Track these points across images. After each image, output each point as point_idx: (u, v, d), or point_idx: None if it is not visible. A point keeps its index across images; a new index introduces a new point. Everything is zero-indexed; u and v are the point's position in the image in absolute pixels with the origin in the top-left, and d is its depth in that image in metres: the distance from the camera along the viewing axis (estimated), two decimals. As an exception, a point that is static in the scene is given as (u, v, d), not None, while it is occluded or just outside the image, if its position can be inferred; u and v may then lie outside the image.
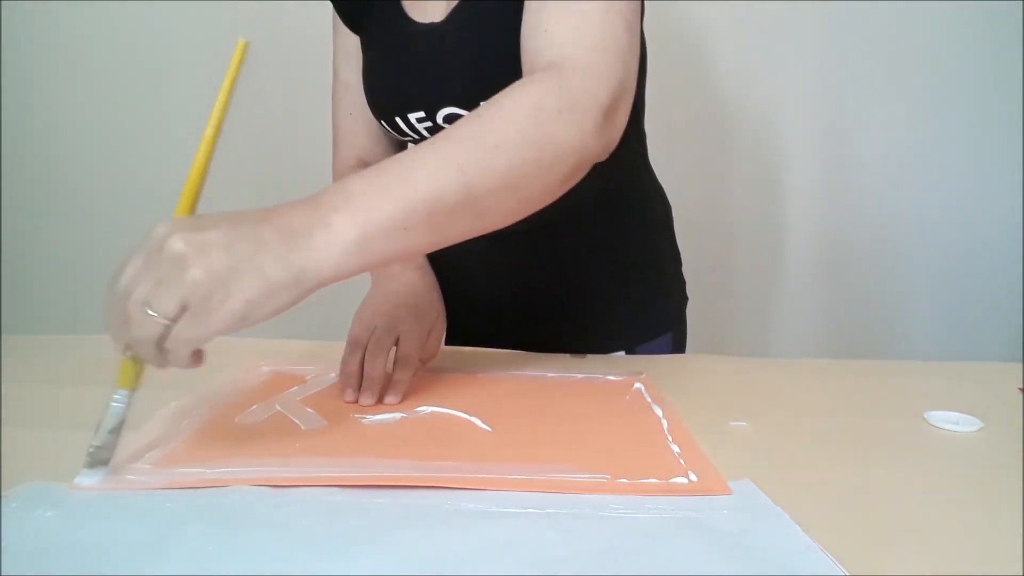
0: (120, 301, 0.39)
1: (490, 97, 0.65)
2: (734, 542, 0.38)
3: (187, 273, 0.38)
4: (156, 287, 0.38)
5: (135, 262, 0.40)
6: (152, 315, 0.38)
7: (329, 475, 0.45)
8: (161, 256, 0.39)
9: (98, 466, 0.45)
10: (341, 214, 0.42)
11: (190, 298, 0.38)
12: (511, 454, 0.49)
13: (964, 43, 1.43)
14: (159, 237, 0.39)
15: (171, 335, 0.39)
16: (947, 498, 0.44)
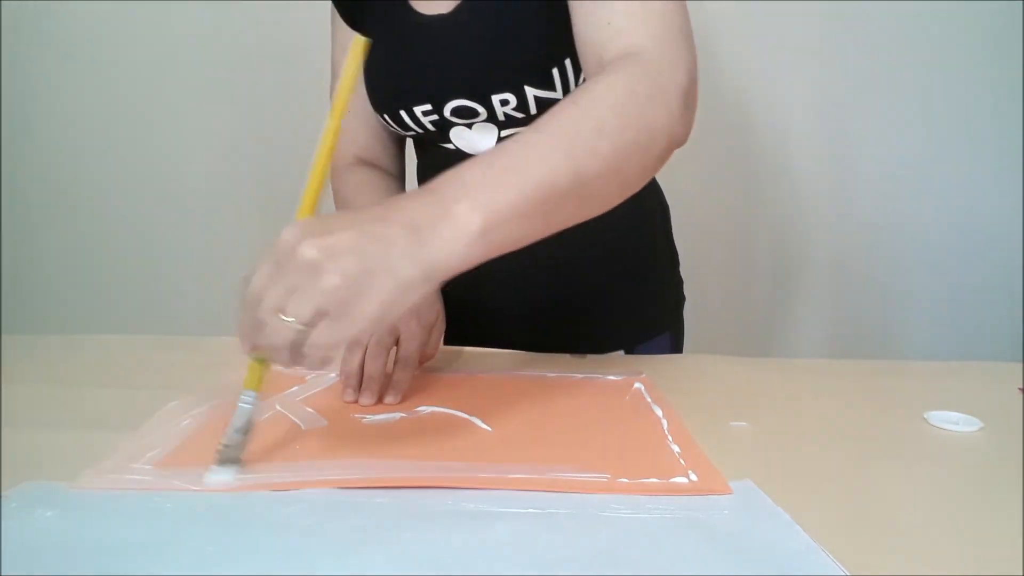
0: (252, 307, 0.40)
1: (500, 88, 0.65)
2: (735, 542, 0.38)
3: (322, 280, 0.38)
4: (290, 294, 0.39)
5: (265, 268, 0.40)
6: (287, 321, 0.38)
7: (329, 478, 0.45)
8: (293, 263, 0.38)
9: (227, 464, 0.45)
10: (463, 204, 0.42)
11: (327, 304, 0.38)
12: (511, 454, 0.49)
13: (965, 44, 1.43)
14: (289, 244, 0.39)
15: (308, 340, 0.39)
16: (947, 498, 0.44)
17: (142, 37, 1.48)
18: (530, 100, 0.66)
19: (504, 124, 0.70)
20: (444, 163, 0.74)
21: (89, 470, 0.45)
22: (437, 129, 0.72)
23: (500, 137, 0.71)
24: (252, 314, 0.40)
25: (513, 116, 0.68)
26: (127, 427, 0.53)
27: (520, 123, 0.69)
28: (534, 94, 0.66)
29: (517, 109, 0.67)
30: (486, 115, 0.69)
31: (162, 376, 0.67)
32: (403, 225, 0.40)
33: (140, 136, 1.53)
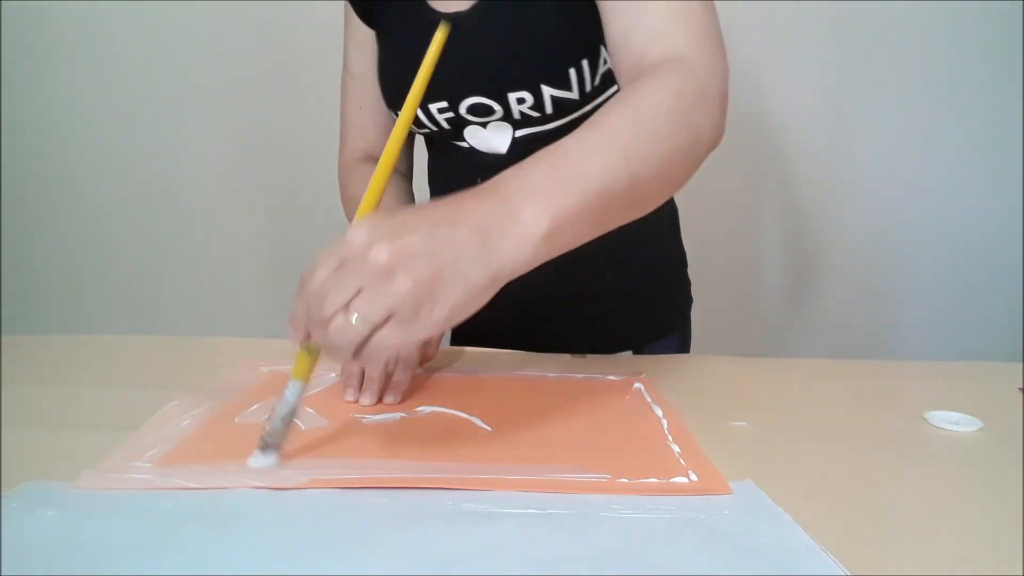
0: (316, 303, 0.39)
1: (517, 87, 0.65)
2: (735, 543, 0.38)
3: (394, 283, 0.38)
4: (360, 295, 0.38)
5: (330, 265, 0.40)
6: (350, 322, 0.38)
7: (330, 478, 0.45)
8: (364, 264, 0.38)
9: (269, 451, 0.46)
10: (530, 208, 0.42)
11: (397, 307, 0.38)
12: (511, 454, 0.49)
13: (964, 43, 1.43)
14: (360, 244, 0.39)
15: (373, 341, 0.39)
16: (947, 498, 0.44)
17: (142, 37, 1.48)
18: (546, 99, 0.67)
19: (519, 123, 0.70)
20: (457, 161, 0.75)
21: (89, 470, 0.45)
22: (451, 127, 0.72)
23: (514, 137, 0.71)
24: (314, 309, 0.40)
25: (528, 115, 0.68)
26: (127, 427, 0.53)
27: (535, 122, 0.69)
28: (550, 93, 0.66)
29: (533, 108, 0.67)
30: (502, 113, 0.69)
31: (162, 376, 0.67)
32: (472, 229, 0.40)
33: (140, 136, 1.53)
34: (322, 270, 0.40)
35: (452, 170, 0.78)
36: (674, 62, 0.52)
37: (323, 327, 0.39)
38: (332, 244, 0.40)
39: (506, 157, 0.72)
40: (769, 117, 1.49)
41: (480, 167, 0.72)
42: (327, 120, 1.51)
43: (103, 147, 1.53)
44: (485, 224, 0.41)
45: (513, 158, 0.71)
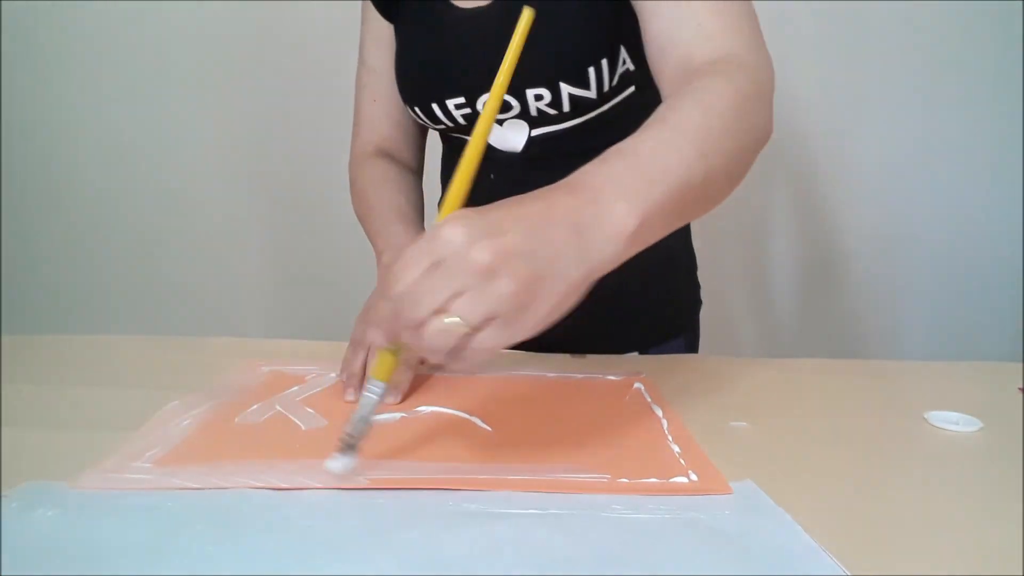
0: (410, 306, 0.37)
1: (536, 83, 0.65)
2: (736, 543, 0.38)
3: (496, 284, 0.37)
4: (458, 296, 0.37)
5: (421, 264, 0.38)
6: (452, 324, 0.37)
7: (328, 483, 0.45)
8: (463, 265, 0.37)
9: (348, 453, 0.45)
10: (621, 204, 0.41)
11: (500, 309, 0.37)
12: (511, 454, 0.49)
13: (964, 43, 1.43)
14: (457, 244, 0.37)
15: (473, 344, 0.38)
16: (947, 498, 0.44)
17: (142, 37, 1.48)
18: (564, 97, 0.67)
19: (536, 121, 0.70)
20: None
21: (89, 470, 0.45)
22: (468, 123, 0.72)
23: (530, 135, 0.71)
24: (407, 311, 0.38)
25: (546, 113, 0.68)
26: (127, 427, 0.53)
27: (552, 121, 0.69)
28: (569, 91, 0.66)
29: (550, 105, 0.67)
30: (519, 110, 0.69)
31: (162, 376, 0.67)
32: (567, 226, 0.40)
33: (140, 136, 1.53)
34: (413, 270, 0.38)
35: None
36: (727, 61, 0.52)
37: (417, 329, 0.38)
38: (421, 243, 0.38)
39: (521, 155, 0.72)
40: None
41: (495, 164, 0.73)
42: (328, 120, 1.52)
43: (103, 147, 1.53)
44: (579, 221, 0.40)
45: (528, 156, 0.71)
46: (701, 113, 0.47)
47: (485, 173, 0.75)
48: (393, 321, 0.39)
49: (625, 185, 0.42)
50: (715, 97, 0.48)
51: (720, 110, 0.48)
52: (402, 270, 0.38)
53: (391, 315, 0.39)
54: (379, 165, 0.81)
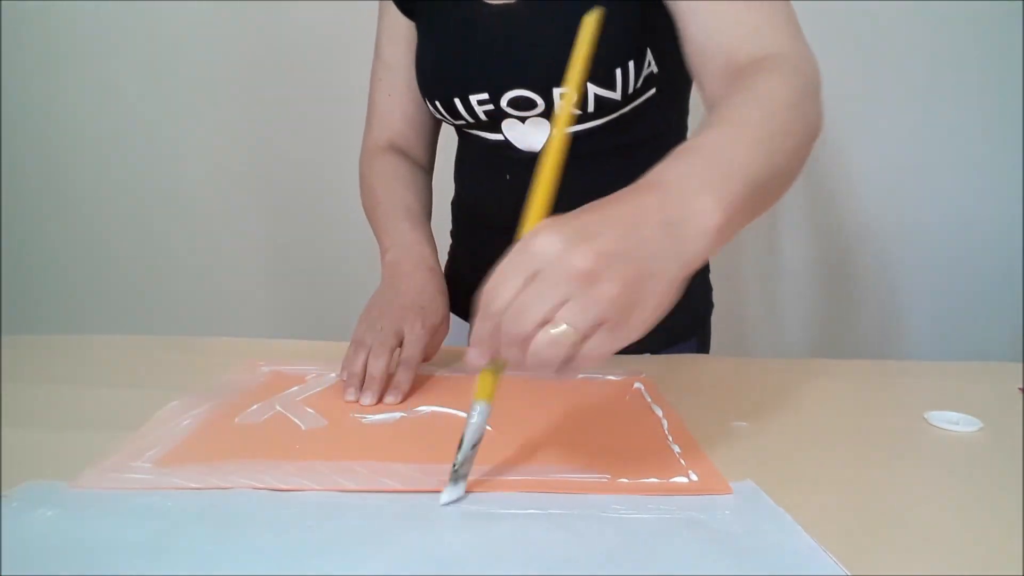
0: (513, 321, 0.37)
1: (559, 80, 0.63)
2: (736, 543, 0.38)
3: (599, 289, 0.36)
4: (566, 305, 0.36)
5: (518, 277, 0.37)
6: (561, 335, 0.36)
7: (331, 485, 0.45)
8: (563, 272, 0.36)
9: (459, 481, 0.43)
10: (707, 199, 0.41)
11: (606, 314, 0.36)
12: (511, 454, 0.49)
13: (965, 44, 1.43)
14: (556, 252, 0.36)
15: (583, 352, 0.37)
16: (947, 498, 0.44)
17: (142, 37, 1.48)
18: (590, 97, 0.66)
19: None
20: (488, 155, 0.75)
21: (89, 470, 0.45)
22: (489, 119, 0.72)
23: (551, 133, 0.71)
24: (510, 326, 0.37)
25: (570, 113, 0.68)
26: (127, 427, 0.53)
27: (577, 120, 0.69)
28: (595, 92, 0.66)
29: (576, 106, 0.67)
30: (543, 108, 0.69)
31: (162, 376, 0.67)
32: (659, 225, 0.39)
33: (140, 136, 1.53)
34: (511, 284, 0.37)
35: (481, 164, 0.79)
36: (774, 58, 0.52)
37: (523, 344, 0.37)
38: (514, 256, 0.37)
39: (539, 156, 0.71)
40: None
41: (513, 163, 0.73)
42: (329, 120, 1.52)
43: (103, 147, 1.53)
44: (669, 218, 0.39)
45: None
46: (761, 111, 0.47)
47: (501, 174, 0.75)
48: (493, 338, 0.38)
49: (705, 180, 0.42)
50: (772, 95, 0.49)
51: (778, 108, 0.48)
52: (499, 285, 0.37)
53: (490, 332, 0.38)
54: (389, 160, 0.81)
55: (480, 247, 0.83)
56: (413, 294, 0.68)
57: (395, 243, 0.73)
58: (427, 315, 0.66)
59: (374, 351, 0.62)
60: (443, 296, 0.71)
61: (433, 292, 0.69)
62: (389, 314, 0.66)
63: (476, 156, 0.79)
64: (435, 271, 0.72)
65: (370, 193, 0.80)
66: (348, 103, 1.44)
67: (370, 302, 0.69)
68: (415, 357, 0.63)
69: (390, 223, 0.75)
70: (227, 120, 1.52)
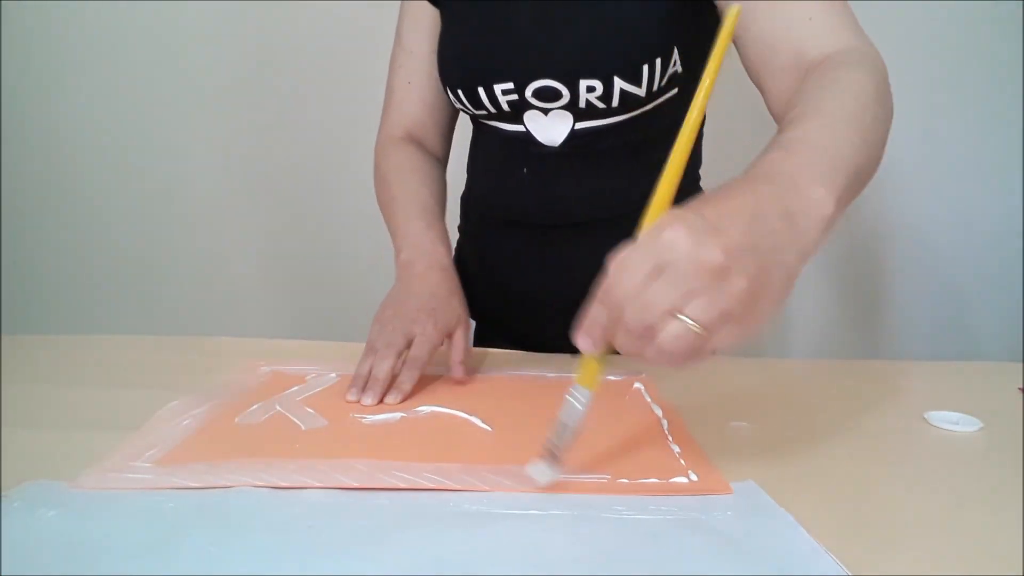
0: (636, 311, 0.37)
1: (591, 74, 0.65)
2: (738, 544, 0.38)
3: (730, 283, 0.36)
4: (695, 299, 0.36)
5: (643, 268, 0.37)
6: (688, 328, 0.36)
7: (329, 483, 0.45)
8: (694, 267, 0.36)
9: (550, 460, 0.43)
10: (820, 189, 0.41)
11: (734, 308, 0.36)
12: (511, 454, 0.49)
13: (965, 44, 1.43)
14: (685, 246, 0.36)
15: (710, 345, 0.38)
16: (947, 498, 0.44)
17: (142, 37, 1.48)
18: (616, 92, 0.66)
19: (582, 114, 0.69)
20: (505, 148, 0.75)
21: (88, 470, 0.45)
22: (511, 110, 0.72)
23: (573, 128, 0.70)
24: (632, 317, 0.37)
25: (594, 106, 0.68)
26: (127, 427, 0.53)
27: (597, 115, 0.69)
28: (621, 86, 0.66)
29: (600, 98, 0.67)
30: (568, 100, 0.69)
31: (162, 376, 0.67)
32: (778, 215, 0.39)
33: (140, 136, 1.53)
34: (636, 274, 0.37)
35: (498, 157, 0.78)
36: (850, 53, 0.54)
37: (645, 334, 0.37)
38: (641, 247, 0.37)
39: (556, 150, 0.72)
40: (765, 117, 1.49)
41: (531, 157, 0.73)
42: (330, 120, 1.52)
43: (103, 147, 1.53)
44: (788, 208, 0.40)
45: (564, 152, 0.72)
46: (855, 104, 0.49)
47: (518, 167, 0.75)
48: (611, 326, 0.39)
49: (816, 172, 0.42)
50: (862, 88, 0.50)
51: (868, 101, 0.50)
52: (623, 273, 0.37)
53: (608, 320, 0.38)
54: (405, 151, 0.80)
55: (490, 242, 0.82)
56: (426, 296, 0.67)
57: (409, 242, 0.72)
58: (439, 317, 0.66)
59: (380, 352, 0.62)
60: (456, 297, 0.70)
61: (446, 293, 0.69)
62: (400, 316, 0.65)
63: (493, 149, 0.79)
64: (449, 271, 0.71)
65: (385, 185, 0.79)
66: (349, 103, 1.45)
67: (383, 303, 0.69)
68: (421, 358, 0.62)
69: (404, 221, 0.74)
70: (227, 120, 1.52)
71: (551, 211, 0.76)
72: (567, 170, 0.73)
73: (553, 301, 0.81)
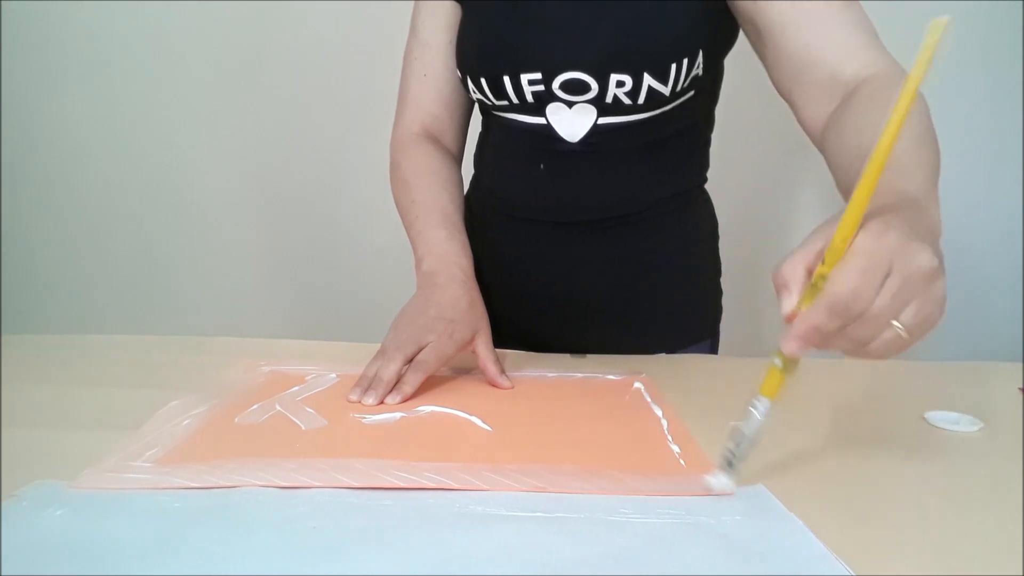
0: (870, 324, 0.39)
1: (622, 69, 0.66)
2: (746, 548, 0.38)
3: (936, 286, 0.40)
4: (906, 303, 0.39)
5: (876, 278, 0.38)
6: (899, 336, 0.39)
7: (328, 482, 0.45)
8: (915, 273, 0.39)
9: (731, 471, 0.44)
10: (935, 211, 0.48)
11: (935, 312, 0.41)
12: (511, 454, 0.49)
13: (965, 44, 1.43)
14: (910, 252, 0.39)
15: (908, 346, 0.40)
16: (947, 498, 0.44)
17: (143, 37, 1.48)
18: (644, 88, 0.67)
19: (606, 109, 0.70)
20: (523, 142, 0.74)
21: (89, 469, 0.45)
22: (535, 101, 0.72)
23: (596, 123, 0.71)
24: (863, 330, 0.39)
25: (620, 101, 0.68)
26: (127, 427, 0.53)
27: (622, 111, 0.70)
28: (649, 83, 0.67)
29: (628, 94, 0.68)
30: (595, 94, 0.69)
31: (162, 376, 0.67)
32: (929, 231, 0.44)
33: (140, 136, 1.53)
34: (873, 287, 0.38)
35: (512, 152, 0.78)
36: (890, 76, 0.58)
37: (867, 339, 0.40)
38: (863, 257, 0.38)
39: (575, 147, 0.72)
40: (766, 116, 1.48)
41: (549, 153, 0.73)
42: (331, 121, 1.52)
43: (103, 147, 1.53)
44: (932, 227, 0.45)
45: (582, 149, 0.72)
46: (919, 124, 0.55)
47: (535, 163, 0.76)
48: (835, 334, 0.40)
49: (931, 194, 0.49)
50: (917, 109, 0.54)
51: (925, 118, 0.56)
52: (863, 287, 0.38)
53: (831, 325, 0.39)
54: (424, 150, 0.80)
55: (497, 238, 0.82)
56: (444, 306, 0.67)
57: (432, 252, 0.72)
58: (457, 328, 0.65)
59: (388, 355, 0.62)
60: (476, 309, 0.69)
61: (466, 305, 0.68)
62: (416, 323, 0.65)
63: (506, 144, 0.78)
64: (468, 284, 0.71)
65: (405, 187, 0.78)
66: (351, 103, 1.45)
67: (402, 310, 0.68)
68: (427, 363, 0.62)
69: (426, 229, 0.74)
70: (228, 119, 1.52)
71: (567, 208, 0.76)
72: (584, 167, 0.74)
73: (560, 299, 0.81)
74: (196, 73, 1.50)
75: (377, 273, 1.51)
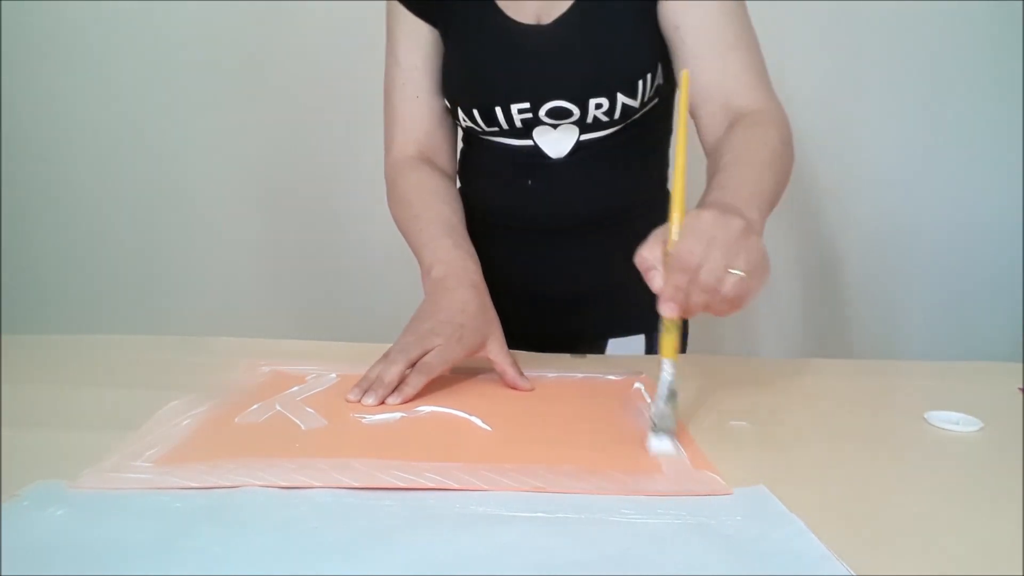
0: (711, 270, 0.48)
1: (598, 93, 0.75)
2: (746, 549, 0.38)
3: (751, 241, 0.50)
4: (735, 255, 0.49)
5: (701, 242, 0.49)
6: (740, 277, 0.49)
7: (328, 482, 0.45)
8: (731, 233, 0.50)
9: (661, 435, 0.50)
10: (754, 213, 0.56)
11: (759, 260, 0.50)
12: (511, 454, 0.49)
13: (965, 44, 1.43)
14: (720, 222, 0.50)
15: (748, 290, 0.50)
16: (947, 498, 0.44)
17: (143, 37, 1.48)
18: (618, 106, 0.74)
19: (588, 127, 0.77)
20: (510, 160, 0.80)
21: (89, 469, 0.45)
22: (523, 127, 0.77)
23: (579, 140, 0.77)
24: (707, 274, 0.48)
25: (599, 120, 0.76)
26: (127, 427, 0.53)
27: (601, 127, 0.77)
28: (622, 100, 0.74)
29: (606, 113, 0.75)
30: (577, 117, 0.75)
31: (162, 376, 0.67)
32: (739, 217, 0.52)
33: (140, 136, 1.53)
34: (698, 247, 0.49)
35: (499, 170, 0.82)
36: (764, 112, 0.69)
37: (715, 288, 0.49)
38: (688, 232, 0.50)
39: (560, 161, 0.78)
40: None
41: (536, 168, 0.79)
42: (331, 121, 1.52)
43: (103, 147, 1.53)
44: (752, 224, 0.53)
45: (567, 161, 0.79)
46: (769, 153, 0.65)
47: (522, 178, 0.81)
48: (689, 288, 0.49)
49: (751, 202, 0.57)
50: (772, 142, 0.66)
51: (778, 149, 0.66)
52: (690, 249, 0.49)
53: (687, 283, 0.49)
54: (422, 172, 0.80)
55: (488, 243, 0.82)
56: (454, 310, 0.66)
57: (439, 259, 0.72)
58: (465, 332, 0.65)
59: (392, 356, 0.61)
60: (486, 313, 0.69)
61: (476, 310, 0.67)
62: (423, 328, 0.65)
63: (491, 161, 0.82)
64: (478, 288, 0.70)
65: (405, 205, 0.78)
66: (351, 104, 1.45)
67: (412, 316, 0.68)
68: (432, 366, 0.62)
69: (432, 239, 0.74)
70: (228, 120, 1.52)
71: (555, 216, 0.81)
72: (567, 178, 0.79)
73: (554, 299, 0.84)
74: (197, 73, 1.50)
75: (377, 273, 1.51)
